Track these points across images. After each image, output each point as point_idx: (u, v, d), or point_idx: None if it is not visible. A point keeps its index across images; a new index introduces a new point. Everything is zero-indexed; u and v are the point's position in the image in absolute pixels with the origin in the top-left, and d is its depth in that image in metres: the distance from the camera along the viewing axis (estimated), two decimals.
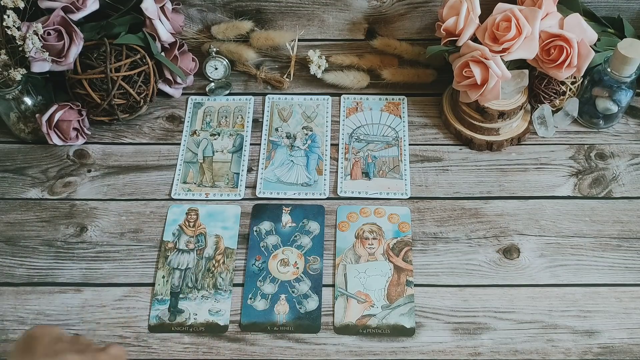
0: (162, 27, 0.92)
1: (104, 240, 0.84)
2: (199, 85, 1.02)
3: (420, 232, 0.84)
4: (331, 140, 0.95)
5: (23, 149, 0.95)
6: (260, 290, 0.80)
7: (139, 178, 0.91)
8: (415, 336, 0.76)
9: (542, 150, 0.93)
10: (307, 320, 0.77)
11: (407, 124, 0.96)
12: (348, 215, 0.86)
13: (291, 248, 0.83)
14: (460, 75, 0.87)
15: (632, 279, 0.80)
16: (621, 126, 0.95)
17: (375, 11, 0.98)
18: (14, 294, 0.80)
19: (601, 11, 0.95)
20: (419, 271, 0.81)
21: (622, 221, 0.85)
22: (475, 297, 0.78)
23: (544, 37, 0.85)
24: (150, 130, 0.97)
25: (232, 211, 0.87)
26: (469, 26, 0.86)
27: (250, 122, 0.97)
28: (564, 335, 0.75)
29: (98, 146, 0.95)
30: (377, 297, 0.79)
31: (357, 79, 0.99)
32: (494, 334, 0.76)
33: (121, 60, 0.89)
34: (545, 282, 0.80)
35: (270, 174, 0.91)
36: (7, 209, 0.88)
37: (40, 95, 0.91)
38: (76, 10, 0.86)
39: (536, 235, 0.84)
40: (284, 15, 0.99)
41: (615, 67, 0.86)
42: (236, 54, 1.00)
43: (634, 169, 0.90)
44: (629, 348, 0.74)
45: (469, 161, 0.92)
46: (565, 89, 0.92)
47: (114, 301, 0.79)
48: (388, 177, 0.90)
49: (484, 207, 0.87)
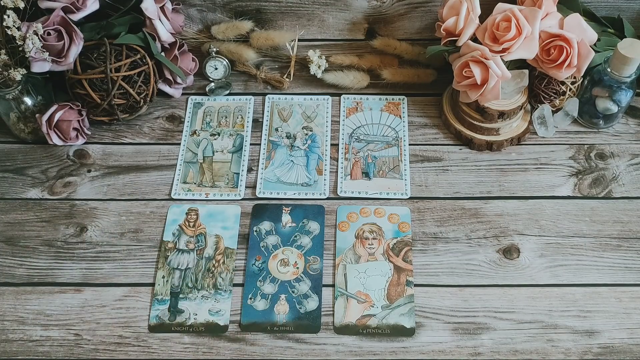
0: (162, 27, 0.92)
1: (104, 240, 0.84)
2: (199, 85, 1.02)
3: (420, 232, 0.84)
4: (331, 140, 0.95)
5: (23, 149, 0.95)
6: (260, 290, 0.80)
7: (139, 178, 0.91)
8: (415, 336, 0.76)
9: (542, 150, 0.93)
10: (307, 320, 0.77)
11: (407, 124, 0.96)
12: (348, 215, 0.86)
13: (291, 248, 0.83)
14: (460, 75, 0.87)
15: (632, 279, 0.80)
16: (621, 126, 0.95)
17: (375, 11, 0.98)
18: (14, 294, 0.80)
19: (601, 11, 0.95)
20: (419, 271, 0.81)
21: (622, 221, 0.85)
22: (475, 297, 0.78)
23: (544, 37, 0.85)
24: (150, 130, 0.97)
25: (232, 211, 0.87)
26: (469, 26, 0.86)
27: (250, 122, 0.97)
28: (564, 335, 0.75)
29: (98, 146, 0.95)
30: (377, 297, 0.79)
31: (357, 79, 0.99)
32: (494, 334, 0.76)
33: (121, 60, 0.89)
34: (545, 282, 0.80)
35: (270, 174, 0.91)
36: (7, 209, 0.88)
37: (40, 95, 0.91)
38: (76, 10, 0.86)
39: (536, 235, 0.84)
40: (284, 15, 0.99)
41: (615, 67, 0.86)
42: (236, 54, 1.00)
43: (634, 169, 0.90)
44: (629, 348, 0.74)
45: (469, 161, 0.92)
46: (565, 89, 0.92)
47: (114, 301, 0.79)
48: (388, 177, 0.90)
49: (484, 207, 0.87)
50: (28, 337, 0.76)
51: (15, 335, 0.76)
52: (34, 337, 0.76)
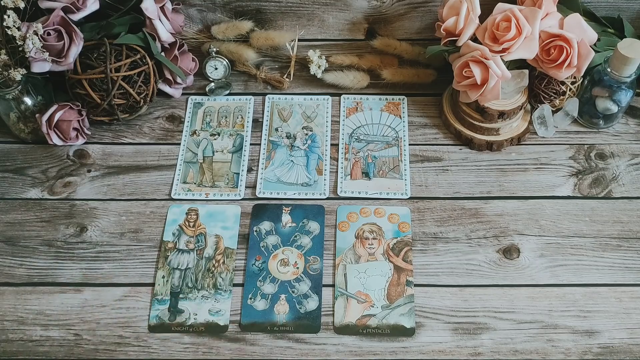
0: (162, 27, 0.92)
1: (104, 240, 0.84)
2: (199, 85, 1.02)
3: (420, 232, 0.84)
4: (331, 140, 0.95)
5: (23, 149, 0.95)
6: (260, 290, 0.80)
7: (139, 178, 0.91)
8: (415, 336, 0.76)
9: (542, 150, 0.93)
10: (307, 320, 0.77)
11: (407, 124, 0.96)
12: (348, 215, 0.86)
13: (291, 248, 0.83)
14: (460, 75, 0.87)
15: (632, 279, 0.80)
16: (621, 126, 0.95)
17: (375, 11, 0.98)
18: (14, 294, 0.80)
19: (601, 11, 0.95)
20: (419, 271, 0.81)
21: (622, 221, 0.85)
22: (475, 297, 0.78)
23: (544, 37, 0.85)
24: (150, 130, 0.97)
25: (232, 211, 0.87)
26: (469, 26, 0.86)
27: (250, 122, 0.97)
28: (564, 335, 0.75)
29: (98, 146, 0.95)
30: (377, 297, 0.79)
31: (357, 79, 0.99)
32: (494, 334, 0.76)
33: (121, 60, 0.89)
34: (545, 282, 0.80)
35: (270, 174, 0.91)
36: (7, 209, 0.88)
37: (40, 95, 0.91)
38: (76, 10, 0.86)
39: (536, 235, 0.84)
40: (284, 15, 0.99)
41: (615, 67, 0.86)
42: (236, 54, 1.00)
43: (634, 169, 0.90)
44: (629, 348, 0.74)
45: (469, 161, 0.92)
46: (565, 89, 0.92)
47: (114, 301, 0.79)
48: (388, 177, 0.90)
49: (484, 207, 0.87)
50: (28, 337, 0.76)
51: (15, 335, 0.76)
52: (34, 337, 0.76)
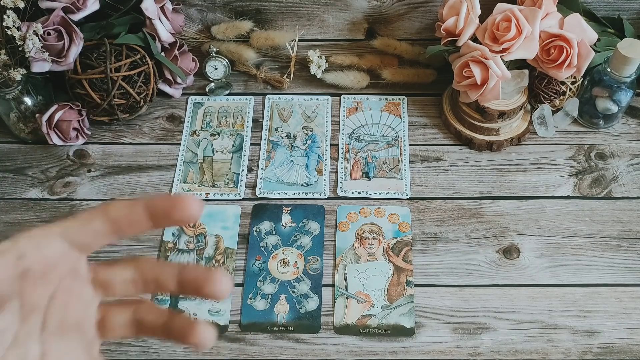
0: (162, 27, 0.92)
1: None
2: (199, 85, 1.02)
3: (420, 232, 0.84)
4: (331, 140, 0.95)
5: (23, 149, 0.95)
6: (260, 290, 0.80)
7: (139, 178, 0.91)
8: (415, 336, 0.76)
9: (542, 150, 0.93)
10: (307, 320, 0.77)
11: (407, 124, 0.96)
12: (348, 215, 0.86)
13: (291, 248, 0.83)
14: (460, 75, 0.87)
15: (632, 279, 0.80)
16: (621, 126, 0.95)
17: (375, 11, 0.98)
18: None
19: (601, 11, 0.95)
20: (419, 271, 0.81)
21: (622, 221, 0.85)
22: (475, 297, 0.78)
23: (544, 37, 0.85)
24: (150, 130, 0.97)
25: (232, 211, 0.87)
26: (469, 26, 0.86)
27: (250, 122, 0.97)
28: (564, 335, 0.75)
29: (98, 146, 0.95)
30: (377, 297, 0.79)
31: (357, 79, 0.99)
32: (494, 334, 0.75)
33: (121, 60, 0.89)
34: (545, 282, 0.80)
35: (270, 174, 0.91)
36: (7, 209, 0.88)
37: (40, 95, 0.91)
38: (76, 10, 0.86)
39: (536, 235, 0.84)
40: (284, 15, 0.99)
41: (615, 67, 0.86)
42: (236, 54, 1.00)
43: (634, 169, 0.90)
44: (629, 348, 0.74)
45: (469, 161, 0.92)
46: (565, 89, 0.92)
47: None
48: (388, 177, 0.90)
49: (484, 207, 0.87)
50: None
51: None
52: None
